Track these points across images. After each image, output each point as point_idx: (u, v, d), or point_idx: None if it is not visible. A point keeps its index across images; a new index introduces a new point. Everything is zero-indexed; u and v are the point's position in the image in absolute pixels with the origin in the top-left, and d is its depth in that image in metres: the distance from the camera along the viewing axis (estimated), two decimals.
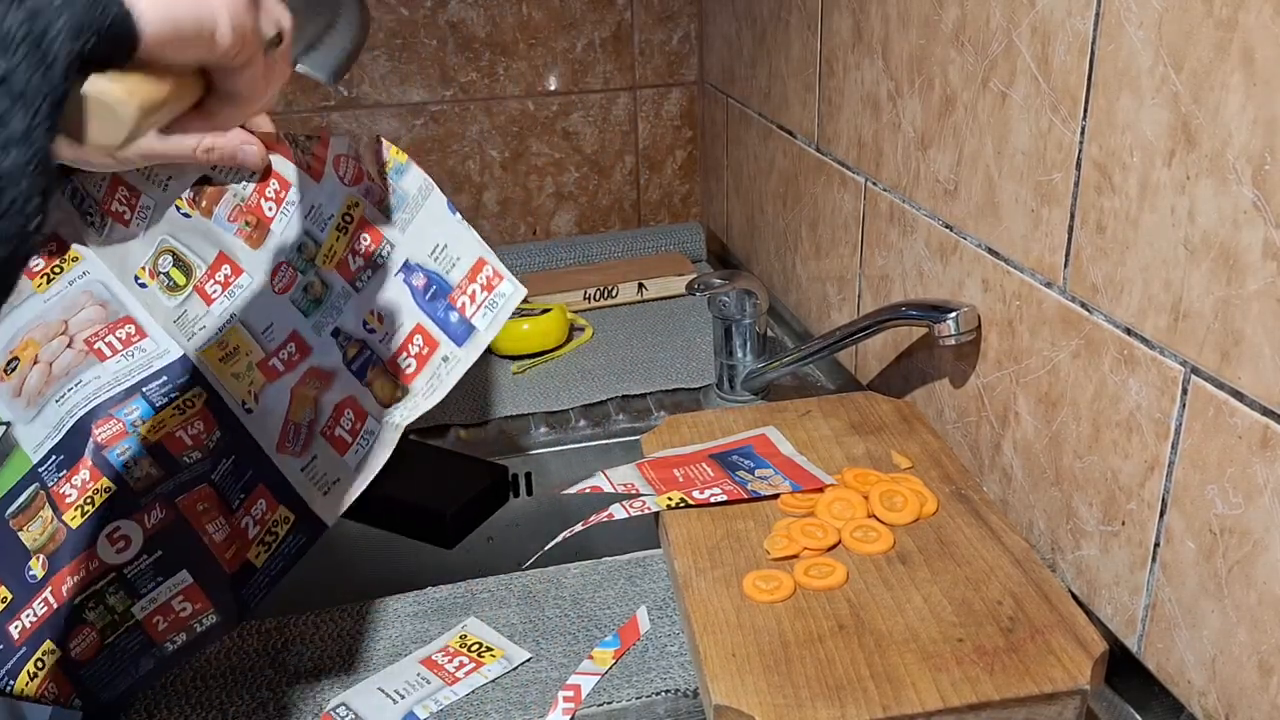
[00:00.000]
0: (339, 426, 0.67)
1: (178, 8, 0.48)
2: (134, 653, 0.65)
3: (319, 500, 0.66)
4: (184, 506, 0.68)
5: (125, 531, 0.68)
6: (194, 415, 0.71)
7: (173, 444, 0.70)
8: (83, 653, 0.65)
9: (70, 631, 0.65)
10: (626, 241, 1.43)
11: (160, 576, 0.67)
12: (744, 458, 0.80)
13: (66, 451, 0.70)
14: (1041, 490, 0.71)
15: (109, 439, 0.70)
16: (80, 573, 0.67)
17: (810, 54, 1.04)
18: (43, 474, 0.70)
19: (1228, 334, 0.53)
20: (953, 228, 0.80)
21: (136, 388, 0.71)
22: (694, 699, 0.65)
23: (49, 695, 0.65)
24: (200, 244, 0.71)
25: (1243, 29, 0.50)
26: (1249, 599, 0.53)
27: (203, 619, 0.66)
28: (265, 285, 0.70)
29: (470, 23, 1.37)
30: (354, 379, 0.67)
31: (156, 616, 0.66)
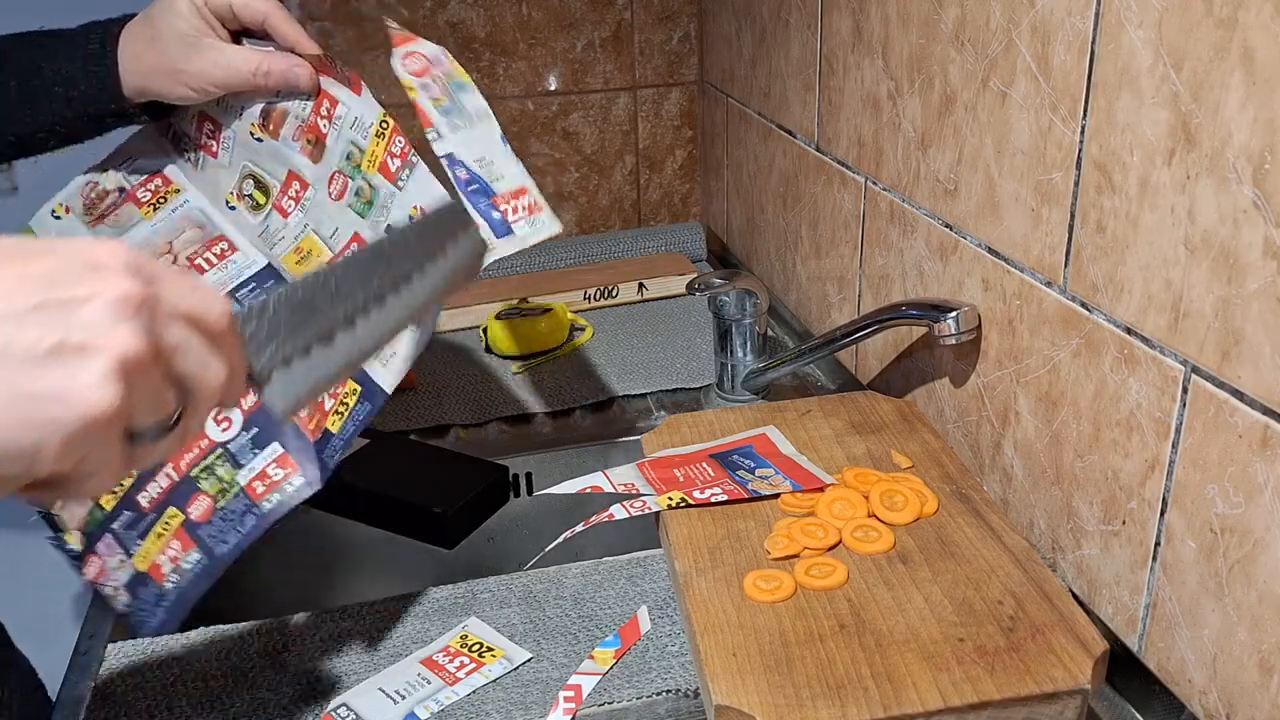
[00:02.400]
0: None
1: None
2: (240, 513, 0.74)
3: (380, 372, 0.73)
4: None
5: (227, 413, 0.77)
6: None
7: None
8: (201, 515, 0.75)
9: (189, 498, 0.75)
10: (626, 241, 1.43)
11: (257, 449, 0.75)
12: (744, 457, 0.80)
13: None
14: (1042, 490, 0.71)
15: None
16: (194, 450, 0.77)
17: (810, 54, 1.04)
18: None
19: (1228, 333, 0.53)
20: (953, 227, 0.80)
21: (231, 294, 0.80)
22: (695, 699, 0.65)
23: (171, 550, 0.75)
24: (273, 165, 0.80)
25: (1243, 29, 0.50)
26: (1249, 598, 0.53)
27: (291, 479, 0.74)
28: (325, 194, 0.77)
29: (470, 23, 1.37)
30: None
31: (255, 481, 0.75)
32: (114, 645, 0.72)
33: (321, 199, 0.78)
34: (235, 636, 0.72)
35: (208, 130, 0.82)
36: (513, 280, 1.34)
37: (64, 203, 0.87)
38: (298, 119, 0.77)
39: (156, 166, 0.86)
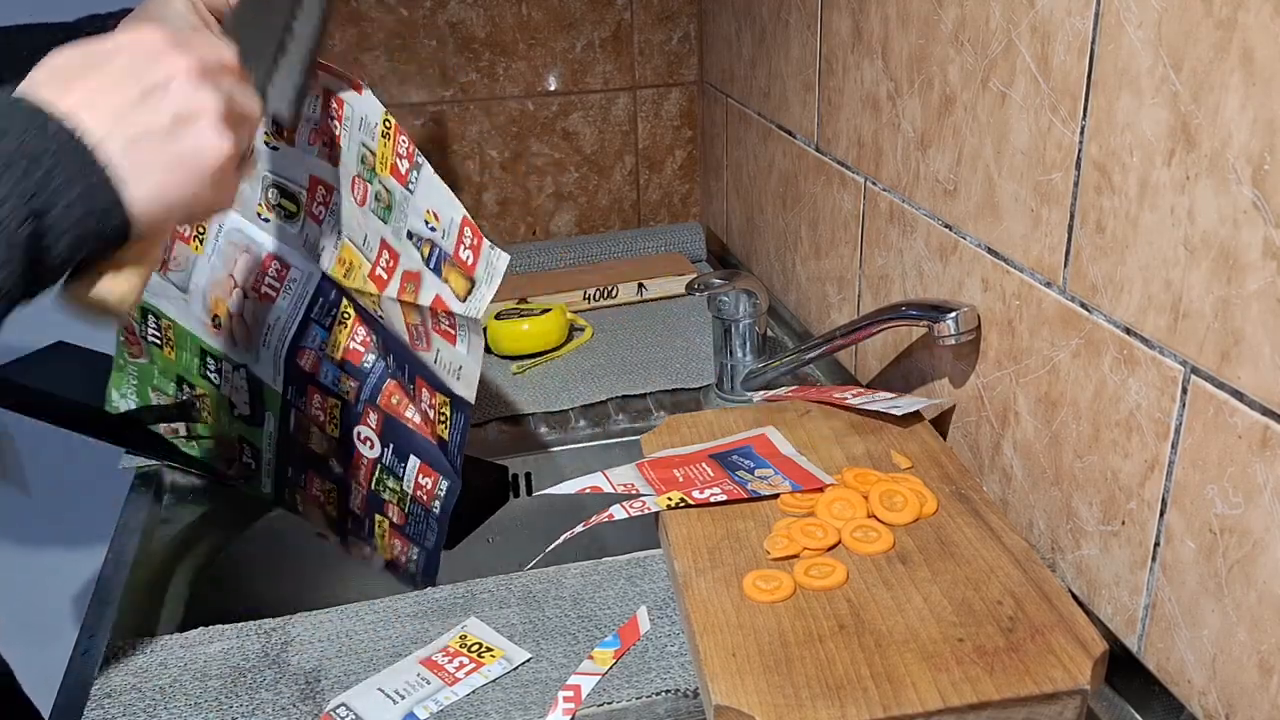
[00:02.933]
0: (440, 323, 0.74)
1: (171, 193, 0.52)
2: (422, 516, 0.80)
3: (457, 385, 0.76)
4: (384, 404, 0.80)
5: (366, 435, 0.82)
6: (353, 325, 0.81)
7: (352, 355, 0.81)
8: (398, 519, 0.82)
9: (383, 506, 0.83)
10: (626, 242, 1.43)
11: (401, 462, 0.80)
12: (744, 458, 0.80)
13: (295, 384, 0.84)
14: (1041, 490, 0.71)
15: (312, 366, 0.83)
16: (361, 467, 0.83)
17: (810, 54, 1.04)
18: (293, 401, 0.85)
19: (1228, 333, 0.53)
20: (952, 227, 0.80)
21: (308, 319, 0.82)
22: (694, 699, 0.65)
23: (396, 546, 0.83)
24: (294, 171, 0.80)
25: (1242, 29, 0.50)
26: (1249, 598, 0.53)
27: (440, 485, 0.78)
28: (350, 199, 0.78)
29: (470, 23, 1.37)
30: (434, 276, 0.74)
31: (419, 490, 0.80)
32: (114, 645, 0.72)
33: (349, 205, 0.77)
34: (235, 636, 0.72)
35: None
36: (512, 280, 1.34)
37: None
38: (309, 122, 0.77)
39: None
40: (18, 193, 0.46)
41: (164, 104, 0.51)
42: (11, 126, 0.47)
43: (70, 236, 0.48)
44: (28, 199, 0.46)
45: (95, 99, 0.49)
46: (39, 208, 0.46)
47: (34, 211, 0.46)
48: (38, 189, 0.46)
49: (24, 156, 0.46)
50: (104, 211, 0.49)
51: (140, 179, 0.50)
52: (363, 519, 0.85)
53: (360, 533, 0.86)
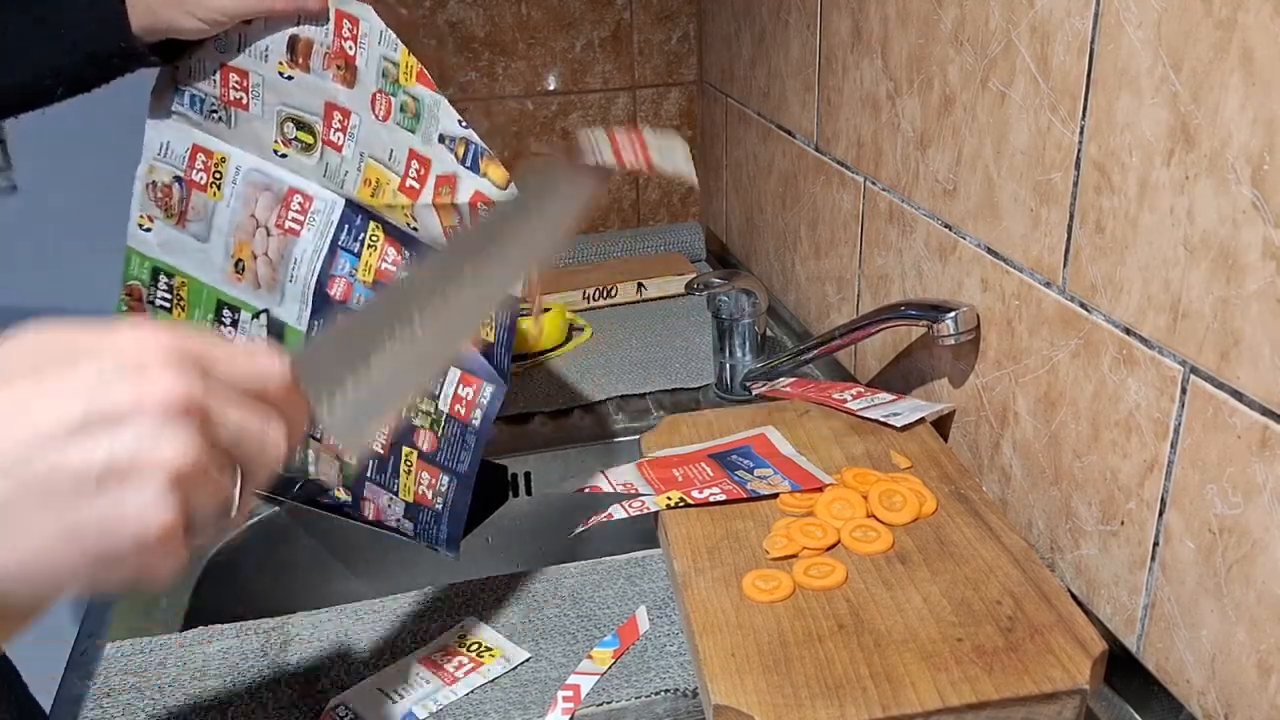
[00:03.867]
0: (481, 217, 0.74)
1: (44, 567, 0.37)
2: (458, 435, 0.79)
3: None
4: None
5: None
6: (382, 246, 0.81)
7: (384, 276, 0.81)
8: (429, 446, 0.80)
9: (413, 434, 0.81)
10: (626, 241, 1.43)
11: (440, 376, 0.79)
12: (743, 457, 0.80)
13: (323, 315, 0.83)
14: (1041, 490, 0.71)
15: (344, 294, 0.82)
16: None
17: (809, 54, 1.04)
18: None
19: (1227, 334, 0.53)
20: (952, 227, 0.80)
21: (334, 246, 0.82)
22: (693, 699, 0.65)
23: (424, 480, 0.81)
24: (308, 100, 0.80)
25: (1242, 29, 0.50)
26: (1248, 598, 0.53)
27: (483, 392, 0.78)
28: (371, 117, 0.77)
29: (469, 22, 1.37)
30: (471, 173, 0.73)
31: (456, 405, 0.79)
32: (113, 645, 0.72)
33: (369, 124, 0.78)
34: (235, 636, 0.72)
35: (234, 82, 0.82)
36: None
37: (143, 212, 0.89)
38: (322, 46, 0.77)
39: (188, 141, 0.86)
40: None
41: (100, 445, 0.36)
42: None
43: None
44: None
45: (12, 412, 0.36)
46: None
47: None
48: None
49: None
50: None
51: (13, 535, 0.36)
52: (385, 461, 0.84)
53: (381, 478, 0.85)
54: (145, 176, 0.87)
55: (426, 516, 0.82)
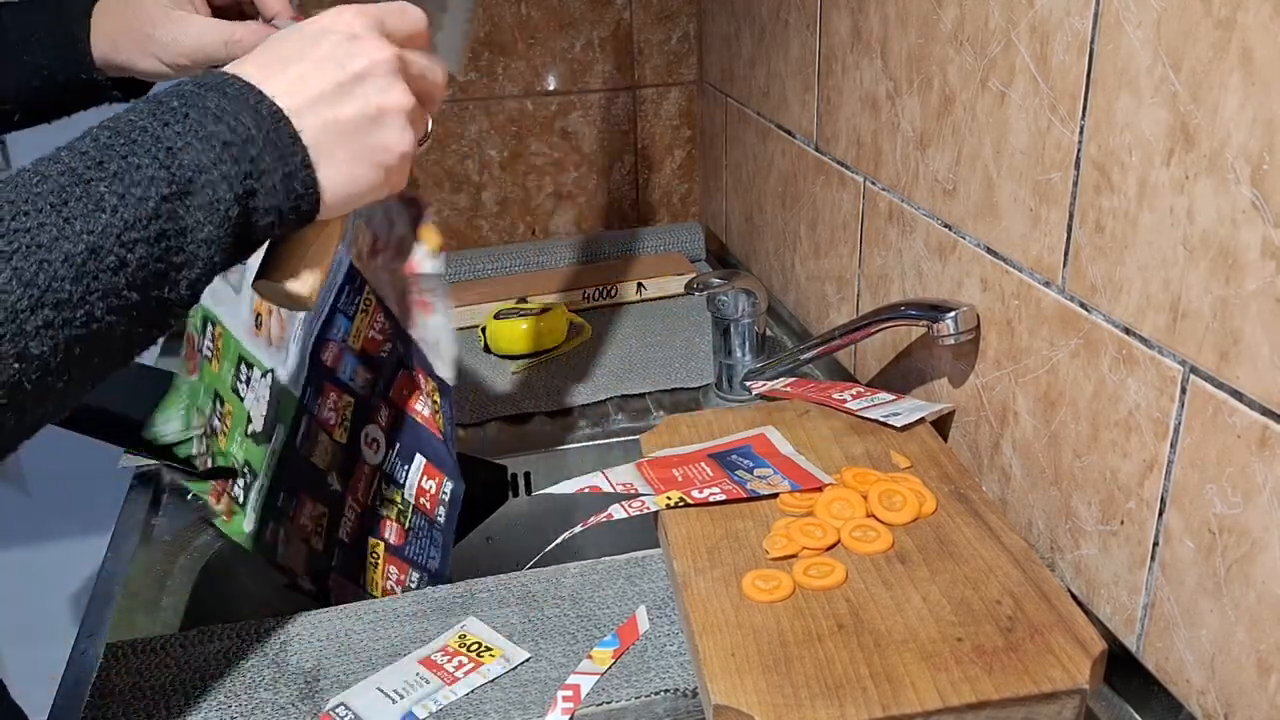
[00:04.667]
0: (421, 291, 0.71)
1: (357, 182, 0.54)
2: (425, 529, 0.75)
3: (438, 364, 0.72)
4: (395, 398, 0.76)
5: (374, 435, 0.78)
6: (373, 312, 0.78)
7: (370, 345, 0.78)
8: (396, 539, 0.77)
9: (379, 525, 0.77)
10: (626, 241, 1.43)
11: (405, 464, 0.76)
12: (743, 457, 0.80)
13: (315, 382, 0.81)
14: (1040, 490, 0.71)
15: (333, 360, 0.80)
16: (362, 478, 0.78)
17: (809, 53, 1.04)
18: (308, 405, 0.81)
19: (1226, 333, 0.53)
20: (951, 227, 0.80)
21: (334, 308, 0.79)
22: (693, 699, 0.65)
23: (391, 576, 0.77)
24: None
25: (1241, 29, 0.50)
26: (1248, 598, 0.53)
27: (444, 488, 0.74)
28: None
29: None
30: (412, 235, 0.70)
31: (421, 497, 0.75)
32: (113, 645, 0.72)
33: None
34: (235, 636, 0.72)
35: None
36: (512, 280, 1.34)
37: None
38: None
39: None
40: (234, 174, 0.48)
41: (360, 96, 0.53)
42: (226, 105, 0.49)
43: (270, 216, 0.51)
44: (242, 179, 0.48)
45: (299, 85, 0.52)
46: (250, 188, 0.49)
47: (247, 191, 0.49)
48: (250, 171, 0.49)
49: (238, 138, 0.48)
50: (301, 195, 0.51)
51: (331, 165, 0.53)
52: (352, 550, 0.80)
53: (348, 570, 0.81)
54: None
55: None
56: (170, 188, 0.46)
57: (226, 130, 0.48)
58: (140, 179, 0.45)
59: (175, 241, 0.46)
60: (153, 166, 0.46)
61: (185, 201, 0.46)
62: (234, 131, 0.48)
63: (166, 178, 0.46)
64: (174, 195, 0.46)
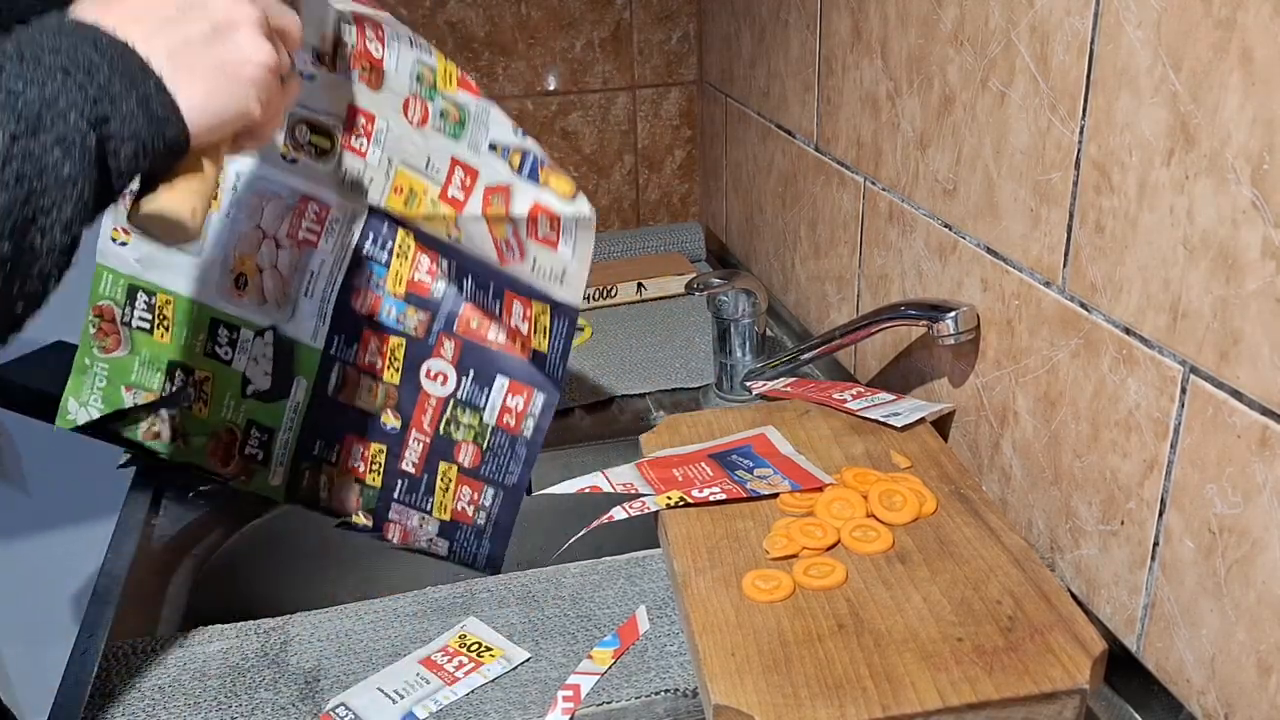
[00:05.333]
0: (539, 230, 0.72)
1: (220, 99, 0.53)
2: (508, 446, 0.79)
3: (558, 290, 0.74)
4: (462, 329, 0.79)
5: (438, 369, 0.80)
6: (414, 255, 0.79)
7: (418, 287, 0.79)
8: (472, 461, 0.80)
9: (452, 450, 0.80)
10: (625, 241, 1.43)
11: (483, 389, 0.78)
12: (743, 457, 0.80)
13: (345, 330, 0.81)
14: (1040, 490, 0.71)
15: (372, 307, 0.81)
16: (427, 411, 0.80)
17: (809, 53, 1.04)
18: (337, 354, 0.82)
19: (1226, 333, 0.53)
20: (952, 227, 0.80)
21: (359, 258, 0.79)
22: (693, 698, 0.65)
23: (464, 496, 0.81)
24: (326, 103, 0.76)
25: (1241, 29, 0.50)
26: (1248, 598, 0.53)
27: (534, 401, 0.77)
28: (403, 123, 0.75)
29: (469, 22, 1.37)
30: (529, 183, 0.71)
31: (504, 416, 0.78)
32: (113, 645, 0.72)
33: (399, 129, 0.75)
34: (235, 636, 0.72)
35: None
36: None
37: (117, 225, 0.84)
38: (346, 46, 0.74)
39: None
40: (81, 100, 0.47)
41: (202, 14, 0.53)
42: (63, 41, 0.48)
43: (132, 144, 0.49)
44: (91, 105, 0.47)
45: (137, 13, 0.51)
46: (102, 114, 0.47)
47: (99, 117, 0.47)
48: (98, 97, 0.47)
49: (80, 68, 0.47)
50: (162, 119, 0.50)
51: (187, 86, 0.51)
52: (419, 479, 0.82)
53: (412, 499, 0.83)
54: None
55: (465, 534, 0.80)
56: (18, 125, 0.45)
57: (65, 59, 0.47)
58: None
59: (36, 183, 0.45)
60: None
61: (38, 139, 0.45)
62: (74, 61, 0.47)
63: (11, 117, 0.44)
64: (23, 133, 0.45)
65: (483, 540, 0.80)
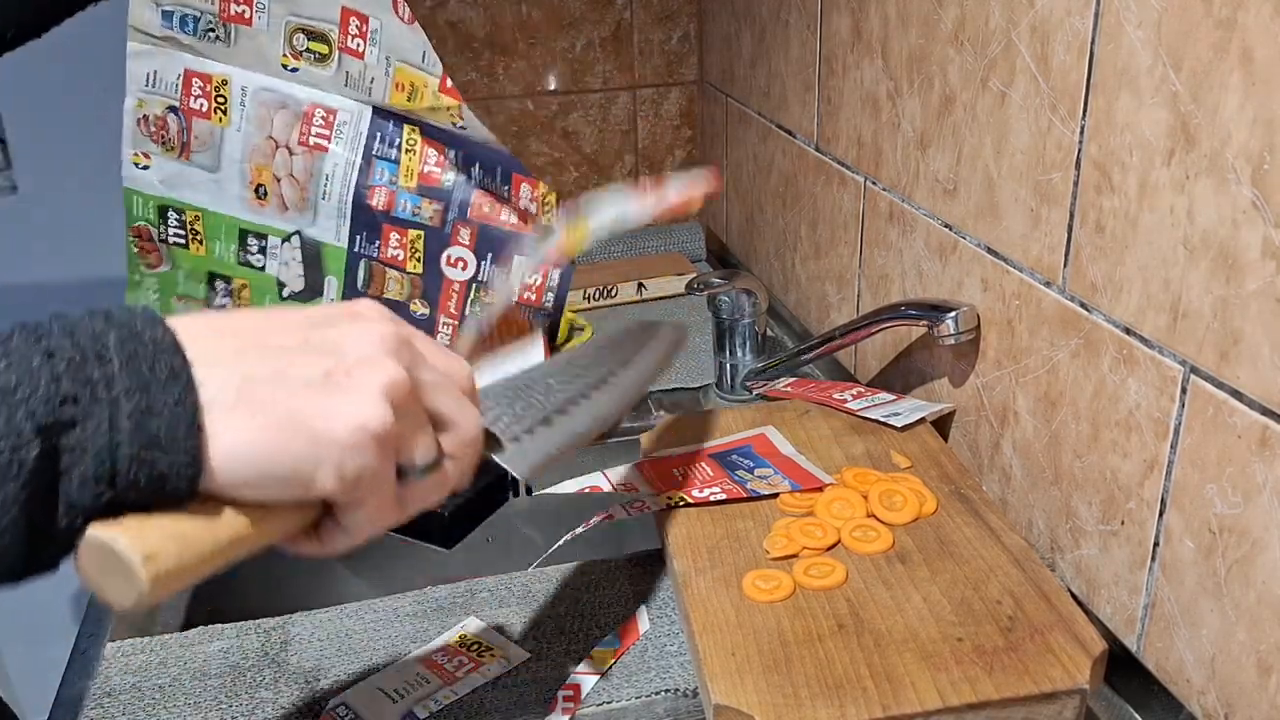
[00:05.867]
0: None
1: (264, 450, 0.37)
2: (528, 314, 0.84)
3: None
4: (475, 215, 0.83)
5: (457, 255, 0.84)
6: (422, 149, 0.82)
7: (428, 179, 0.82)
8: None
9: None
10: (626, 241, 1.43)
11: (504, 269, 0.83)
12: (743, 457, 0.80)
13: (366, 227, 0.84)
14: (1041, 489, 0.71)
15: (387, 203, 0.83)
16: (452, 296, 0.84)
17: (810, 53, 1.04)
18: (360, 252, 0.85)
19: (1227, 333, 0.53)
20: (952, 227, 0.80)
21: (368, 157, 0.82)
22: (693, 698, 0.65)
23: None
24: (321, 8, 0.78)
25: (1242, 29, 0.50)
26: (1248, 598, 0.53)
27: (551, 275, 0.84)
28: (395, 20, 0.77)
29: (469, 22, 1.37)
30: None
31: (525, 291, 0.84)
32: (114, 645, 0.72)
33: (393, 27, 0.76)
34: (235, 636, 0.72)
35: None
36: None
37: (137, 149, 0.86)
38: None
39: (179, 67, 0.82)
40: (41, 395, 0.33)
41: (326, 354, 0.39)
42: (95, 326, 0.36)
43: (98, 472, 0.34)
44: (57, 403, 0.33)
45: (238, 333, 0.39)
46: (65, 418, 0.33)
47: (55, 421, 0.33)
48: (72, 395, 0.34)
49: (77, 355, 0.34)
50: (162, 442, 0.35)
51: (243, 420, 0.37)
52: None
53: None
54: (134, 111, 0.83)
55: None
56: None
57: (68, 344, 0.34)
58: None
59: None
60: None
61: None
62: (77, 347, 0.34)
63: None
64: None
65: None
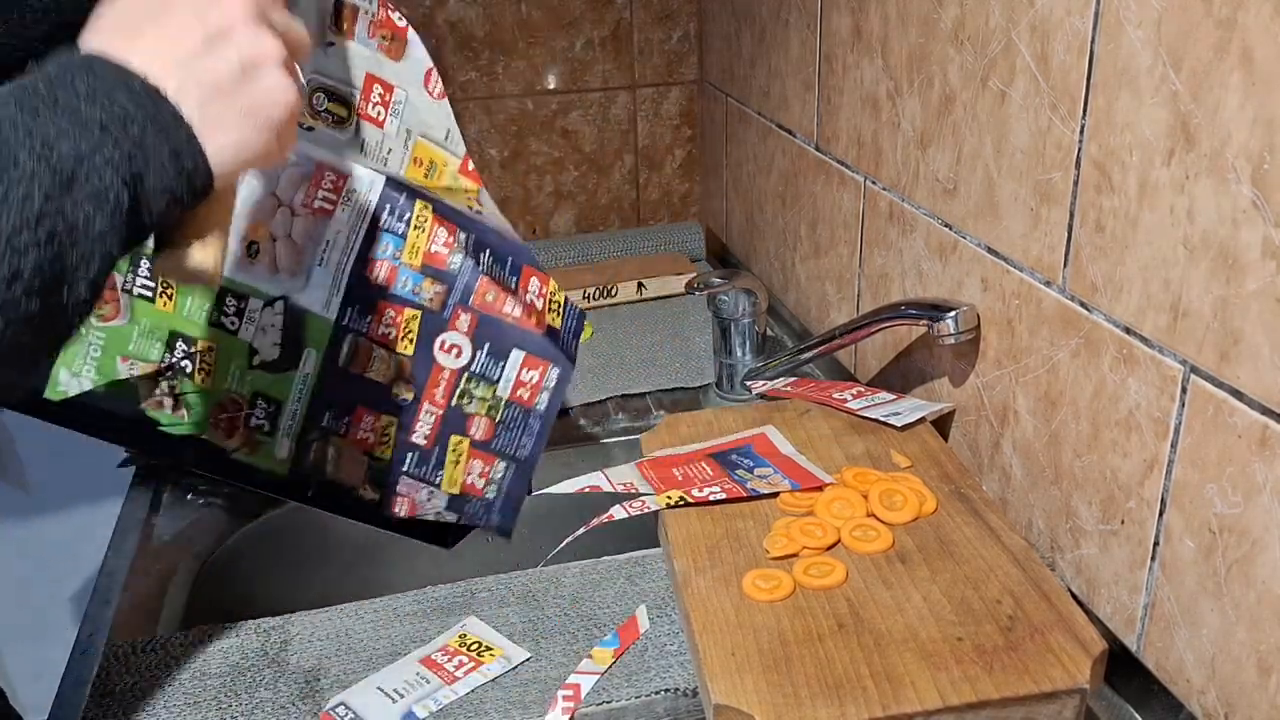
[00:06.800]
0: None
1: (247, 147, 0.51)
2: (520, 419, 0.80)
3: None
4: (478, 304, 0.80)
5: (453, 341, 0.80)
6: (432, 227, 0.79)
7: (434, 259, 0.80)
8: (484, 434, 0.80)
9: (465, 424, 0.80)
10: (626, 241, 1.43)
11: (499, 361, 0.79)
12: (743, 457, 0.80)
13: (360, 301, 0.82)
14: (1041, 489, 0.71)
15: (387, 278, 0.81)
16: (440, 383, 0.81)
17: (810, 53, 1.04)
18: (350, 325, 0.82)
19: (1227, 333, 0.53)
20: (952, 227, 0.80)
21: (375, 228, 0.79)
22: (693, 698, 0.65)
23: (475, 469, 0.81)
24: (345, 71, 0.76)
25: (1242, 29, 0.50)
26: (1248, 598, 0.53)
27: (549, 375, 0.79)
28: (423, 94, 0.75)
29: (469, 21, 1.37)
30: None
31: (518, 389, 0.79)
32: (114, 645, 0.72)
33: (419, 100, 0.75)
34: (235, 636, 0.72)
35: None
36: None
37: None
38: (368, 15, 0.74)
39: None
40: (117, 157, 0.45)
41: (229, 51, 0.50)
42: (97, 87, 0.46)
43: (164, 198, 0.48)
44: (127, 161, 0.45)
45: (161, 49, 0.48)
46: (137, 171, 0.46)
47: (134, 174, 0.46)
48: (133, 153, 0.46)
49: (116, 121, 0.45)
50: (191, 171, 0.48)
51: (215, 134, 0.49)
52: (429, 452, 0.82)
53: (422, 472, 0.83)
54: None
55: (474, 506, 0.81)
56: (53, 183, 0.43)
57: (102, 112, 0.45)
58: (19, 176, 0.42)
59: (67, 240, 0.43)
60: (30, 161, 0.42)
61: (71, 195, 0.43)
62: (109, 113, 0.45)
63: (47, 174, 0.42)
64: (57, 191, 0.43)
65: (492, 512, 0.81)
